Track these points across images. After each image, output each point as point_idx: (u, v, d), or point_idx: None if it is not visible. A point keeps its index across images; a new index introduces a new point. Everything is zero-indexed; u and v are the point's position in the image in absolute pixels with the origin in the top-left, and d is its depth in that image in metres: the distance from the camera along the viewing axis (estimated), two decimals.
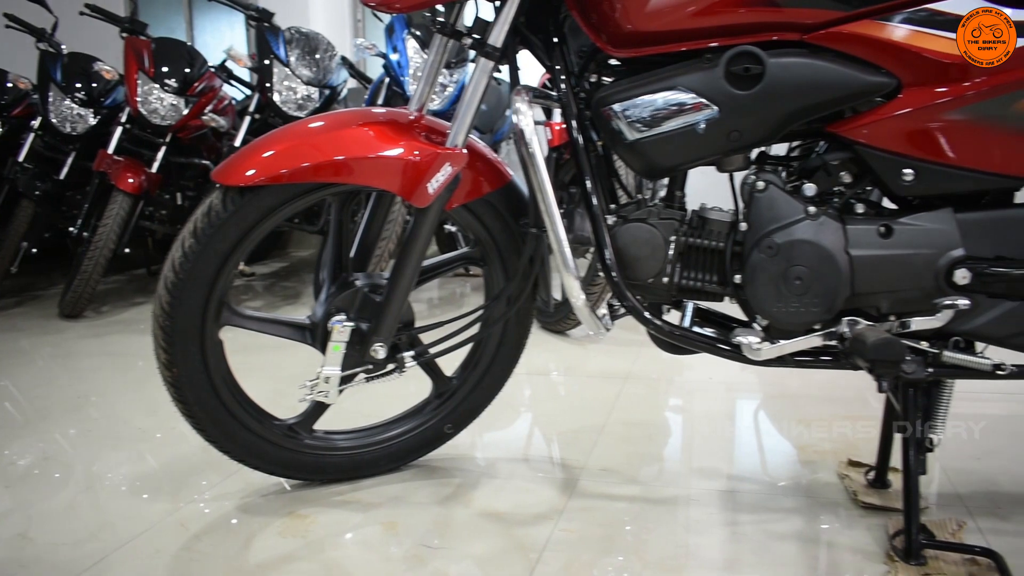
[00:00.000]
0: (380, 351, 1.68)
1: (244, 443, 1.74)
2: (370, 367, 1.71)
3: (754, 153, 1.55)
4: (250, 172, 1.53)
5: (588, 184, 1.53)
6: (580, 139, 1.54)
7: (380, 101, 3.60)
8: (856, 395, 2.30)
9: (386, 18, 3.83)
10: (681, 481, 1.85)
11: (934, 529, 1.56)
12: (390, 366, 1.74)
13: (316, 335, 1.72)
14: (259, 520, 1.71)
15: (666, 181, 1.56)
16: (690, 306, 1.63)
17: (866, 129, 1.39)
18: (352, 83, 4.45)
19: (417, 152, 1.55)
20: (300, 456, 1.81)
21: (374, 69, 4.80)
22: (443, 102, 3.45)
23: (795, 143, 1.62)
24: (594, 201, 1.53)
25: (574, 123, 1.54)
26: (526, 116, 1.48)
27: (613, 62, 1.59)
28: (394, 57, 3.50)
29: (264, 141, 1.60)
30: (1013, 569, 1.42)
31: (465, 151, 1.58)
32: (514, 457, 2.02)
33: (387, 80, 3.60)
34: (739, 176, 1.54)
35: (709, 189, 1.75)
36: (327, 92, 3.86)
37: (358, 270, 1.78)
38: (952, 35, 1.34)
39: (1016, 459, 1.97)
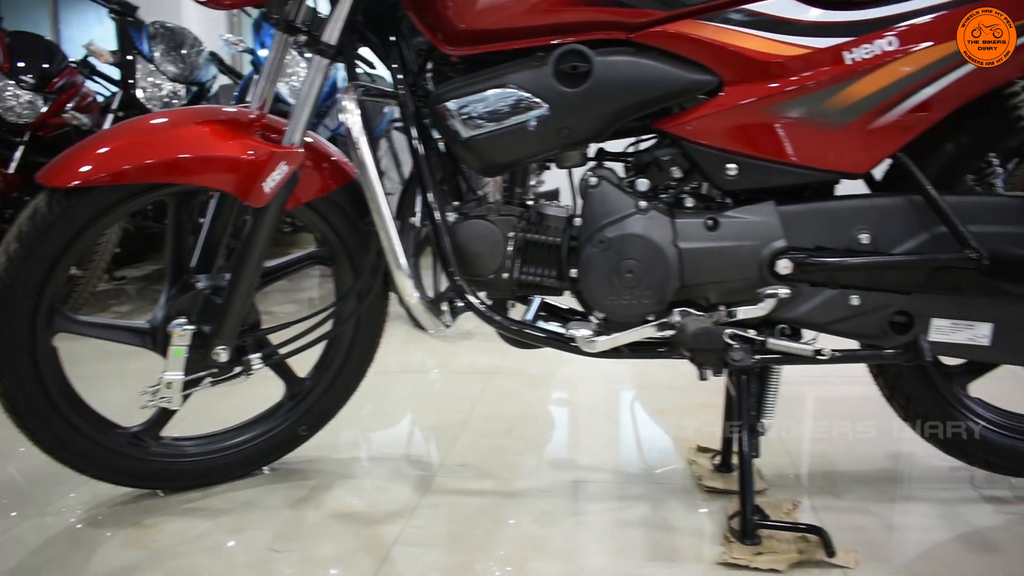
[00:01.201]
0: (223, 354, 1.64)
1: (85, 453, 1.68)
2: (214, 371, 1.67)
3: (593, 149, 1.58)
4: (77, 173, 1.47)
5: (425, 182, 1.52)
6: (417, 137, 1.53)
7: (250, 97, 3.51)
8: (719, 384, 2.37)
9: (256, 13, 3.74)
10: (535, 474, 1.87)
11: (770, 509, 1.61)
12: (236, 369, 1.71)
13: (156, 340, 1.67)
14: (102, 532, 1.65)
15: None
16: (536, 301, 1.65)
17: (690, 125, 1.43)
18: (224, 79, 4.35)
19: (252, 151, 1.53)
20: (147, 465, 1.76)
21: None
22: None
23: (634, 139, 1.65)
24: (431, 199, 1.52)
25: (411, 121, 1.53)
26: (353, 115, 1.47)
27: (454, 60, 1.59)
28: (262, 53, 3.44)
29: (94, 140, 1.55)
30: (838, 543, 1.48)
31: (301, 149, 1.56)
32: (372, 456, 2.01)
33: (256, 76, 3.52)
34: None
35: None
36: (195, 89, 3.76)
37: (203, 272, 1.73)
38: (769, 35, 1.39)
39: (856, 439, 2.06)
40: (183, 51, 3.75)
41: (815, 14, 1.39)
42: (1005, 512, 1.66)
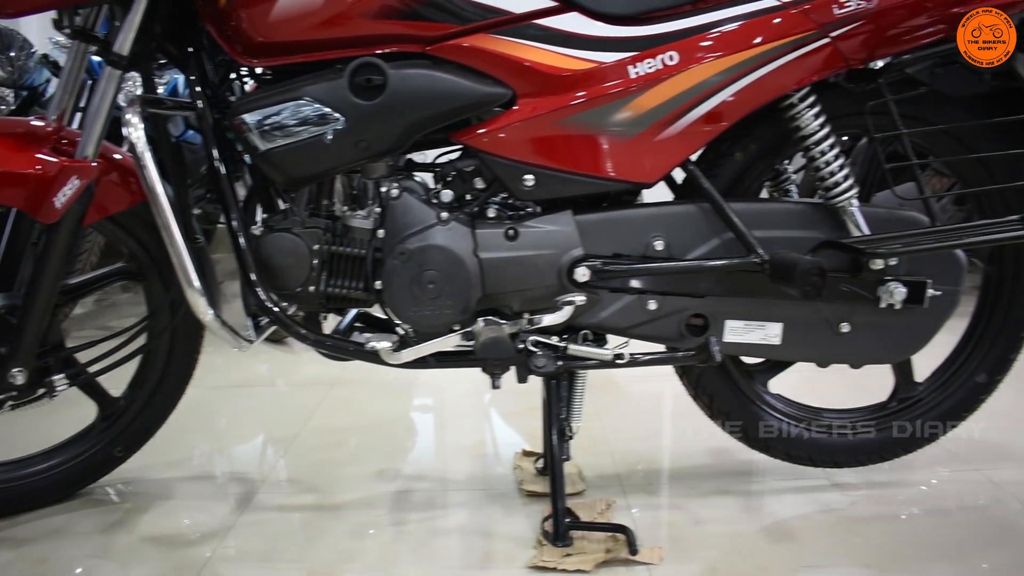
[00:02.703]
0: (19, 376, 1.57)
1: None
2: (13, 394, 1.60)
3: (404, 160, 1.58)
4: None
5: (225, 196, 1.50)
6: (216, 151, 1.50)
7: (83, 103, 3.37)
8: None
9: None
10: (359, 486, 1.86)
11: (583, 510, 1.65)
12: (39, 391, 1.64)
13: None
14: None
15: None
16: (352, 312, 1.65)
17: (486, 138, 1.45)
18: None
19: (40, 165, 1.46)
20: None
21: None
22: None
23: (443, 150, 1.66)
24: (232, 214, 1.50)
25: (211, 135, 1.50)
26: (137, 129, 1.42)
27: (259, 72, 1.57)
28: (95, 57, 3.29)
29: None
30: (648, 540, 1.54)
31: (95, 163, 1.50)
32: (194, 475, 1.96)
33: (89, 82, 3.38)
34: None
35: None
36: (24, 93, 3.57)
37: (3, 291, 1.65)
38: (560, 49, 1.42)
39: (675, 437, 2.13)
40: (11, 53, 3.56)
41: (602, 29, 1.43)
42: (806, 502, 1.75)
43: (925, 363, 1.76)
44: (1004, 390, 1.77)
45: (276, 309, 1.52)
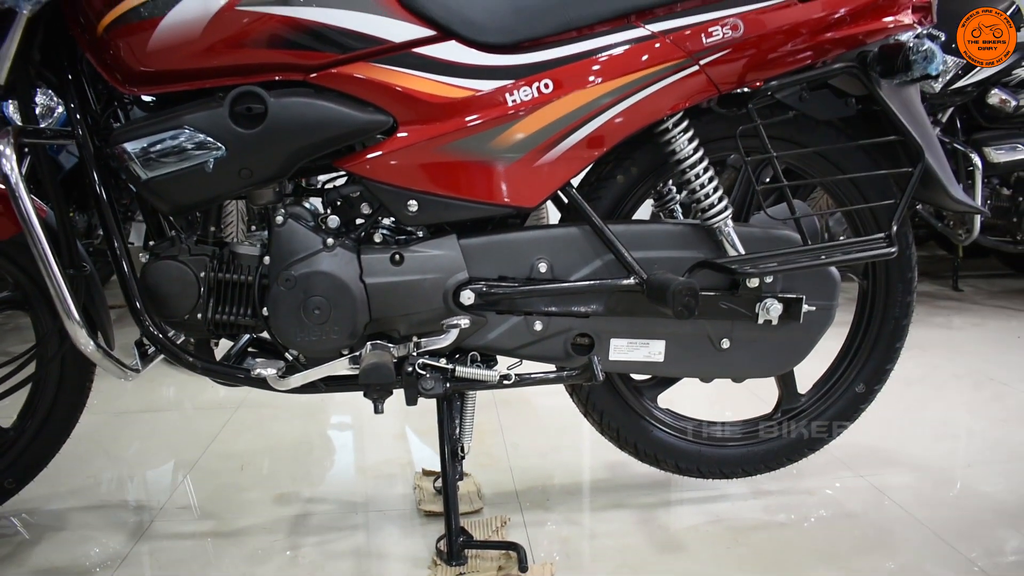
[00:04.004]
0: None
1: None
2: None
3: (291, 186, 1.59)
4: None
5: (108, 224, 1.49)
6: (97, 179, 1.49)
7: None
8: (487, 399, 2.44)
9: None
10: (258, 510, 1.86)
11: (479, 528, 1.68)
12: None
13: None
14: None
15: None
16: (244, 338, 1.65)
17: (368, 164, 1.47)
18: None
19: None
20: None
21: None
22: (54, 122, 3.24)
23: (331, 175, 1.67)
24: (115, 242, 1.49)
25: (91, 163, 1.49)
26: (9, 160, 1.41)
27: (146, 99, 1.56)
28: None
29: None
30: (541, 556, 1.57)
31: None
32: (90, 505, 1.93)
33: None
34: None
35: None
36: None
37: None
38: (438, 77, 1.45)
39: (575, 451, 2.17)
40: None
41: (479, 58, 1.46)
42: (697, 513, 1.80)
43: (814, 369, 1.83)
44: (886, 398, 1.84)
45: (163, 337, 1.51)
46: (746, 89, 1.54)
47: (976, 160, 3.49)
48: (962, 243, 3.70)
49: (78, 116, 1.50)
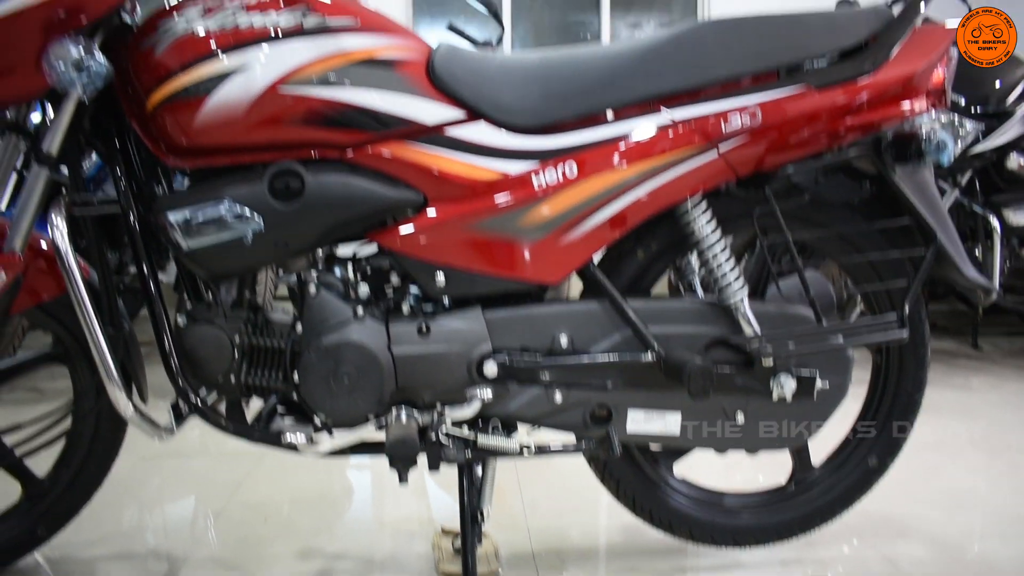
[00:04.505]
0: None
1: None
2: None
3: (322, 252, 1.65)
4: None
5: (148, 288, 1.56)
6: (140, 246, 1.57)
7: None
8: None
9: None
10: (281, 564, 1.90)
11: None
12: None
13: None
14: None
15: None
16: (272, 399, 1.70)
17: (399, 239, 1.53)
18: None
19: None
20: None
21: None
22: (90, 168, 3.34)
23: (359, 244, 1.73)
24: (155, 306, 1.56)
25: (135, 230, 1.57)
26: (61, 231, 1.49)
27: (182, 170, 1.63)
28: None
29: None
30: None
31: (21, 256, 1.55)
32: (116, 553, 1.98)
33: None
34: None
35: None
36: None
37: None
38: (468, 157, 1.52)
39: (592, 513, 2.20)
40: None
41: (509, 140, 1.53)
42: None
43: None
44: (900, 462, 1.87)
45: (198, 401, 1.57)
46: (763, 172, 1.59)
47: (995, 222, 3.53)
48: (982, 304, 3.73)
49: (123, 184, 1.57)
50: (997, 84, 3.51)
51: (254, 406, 1.71)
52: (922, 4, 1.62)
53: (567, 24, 6.84)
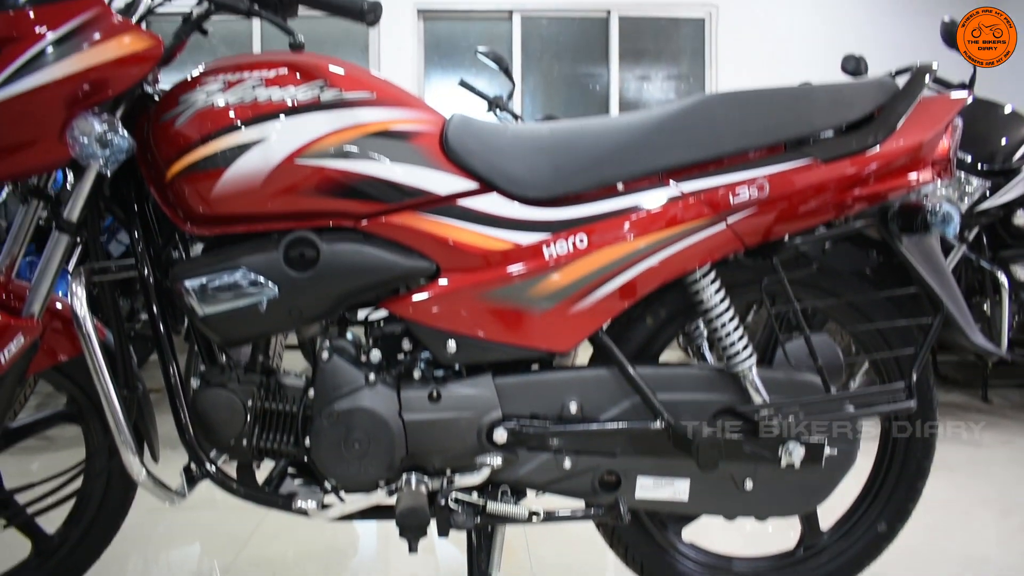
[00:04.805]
0: None
1: None
2: None
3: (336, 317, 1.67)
4: None
5: (164, 352, 1.58)
6: (156, 311, 1.59)
7: None
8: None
9: None
10: None
11: None
12: None
13: None
14: None
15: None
16: (282, 462, 1.72)
17: (411, 307, 1.56)
18: None
19: None
20: None
21: None
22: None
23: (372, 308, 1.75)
24: (170, 370, 1.58)
25: (152, 295, 1.59)
26: (81, 299, 1.52)
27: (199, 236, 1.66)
28: None
29: None
30: None
31: (39, 321, 1.58)
32: None
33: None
34: None
35: None
36: None
37: None
38: (480, 228, 1.54)
39: (599, 571, 2.20)
40: None
41: (520, 211, 1.55)
42: None
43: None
44: (909, 523, 1.86)
45: (210, 464, 1.59)
46: (771, 242, 1.61)
47: (1003, 278, 3.54)
48: (990, 359, 3.72)
49: (140, 248, 1.60)
50: (1003, 142, 3.53)
51: (263, 465, 1.73)
52: (927, 77, 1.64)
53: (576, 76, 6.94)
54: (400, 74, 6.45)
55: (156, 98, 1.61)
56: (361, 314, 1.70)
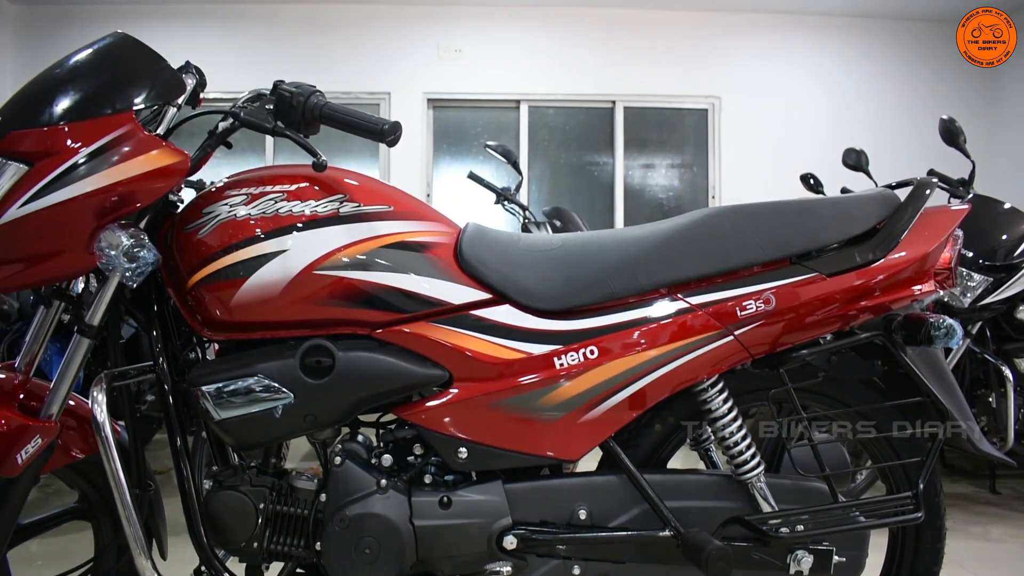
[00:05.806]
0: None
1: None
2: None
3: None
4: None
5: (178, 455, 1.60)
6: (173, 412, 1.62)
7: None
8: None
9: None
10: None
11: None
12: None
13: None
14: None
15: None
16: (291, 563, 1.72)
17: (424, 414, 1.58)
18: None
19: (4, 422, 1.56)
20: None
21: None
22: None
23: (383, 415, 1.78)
24: (184, 471, 1.60)
25: (169, 397, 1.62)
26: (101, 406, 1.54)
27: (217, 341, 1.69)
28: None
29: None
30: None
31: (57, 423, 1.60)
32: None
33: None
34: None
35: None
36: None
37: None
38: (493, 338, 1.58)
39: None
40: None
41: (532, 322, 1.59)
42: None
43: None
44: None
45: (221, 569, 1.59)
46: (778, 352, 1.64)
47: (1007, 372, 3.55)
48: (998, 453, 3.71)
49: (158, 351, 1.64)
50: (1003, 238, 3.59)
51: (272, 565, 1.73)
52: (927, 191, 1.69)
53: (582, 164, 7.08)
54: (409, 161, 6.59)
55: (179, 205, 1.66)
56: (373, 419, 1.73)
